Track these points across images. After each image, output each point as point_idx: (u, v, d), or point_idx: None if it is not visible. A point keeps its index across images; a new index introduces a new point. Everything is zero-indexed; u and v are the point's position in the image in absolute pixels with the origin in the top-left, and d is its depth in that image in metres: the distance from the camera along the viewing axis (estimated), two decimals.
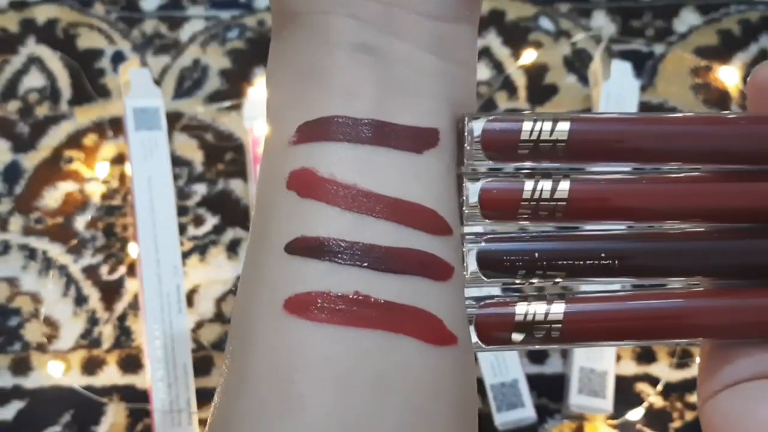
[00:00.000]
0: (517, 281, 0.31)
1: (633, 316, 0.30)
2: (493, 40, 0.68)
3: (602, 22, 0.69)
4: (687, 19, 0.69)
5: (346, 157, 0.28)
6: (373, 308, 0.27)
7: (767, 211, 0.30)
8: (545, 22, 0.69)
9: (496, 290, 0.52)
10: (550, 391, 0.60)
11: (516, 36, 0.69)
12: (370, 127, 0.28)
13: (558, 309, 0.30)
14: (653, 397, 0.60)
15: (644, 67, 0.68)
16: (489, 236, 0.30)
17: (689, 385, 0.60)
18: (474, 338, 0.30)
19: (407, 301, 0.27)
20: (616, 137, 0.29)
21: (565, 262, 0.30)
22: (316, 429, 0.26)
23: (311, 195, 0.28)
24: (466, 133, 0.29)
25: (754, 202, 0.30)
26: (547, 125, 0.29)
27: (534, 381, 0.60)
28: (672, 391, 0.60)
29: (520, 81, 0.68)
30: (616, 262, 0.30)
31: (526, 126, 0.29)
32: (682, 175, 0.30)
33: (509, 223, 0.30)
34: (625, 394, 0.59)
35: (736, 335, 0.31)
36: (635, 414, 0.59)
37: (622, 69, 0.65)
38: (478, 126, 0.29)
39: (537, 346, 0.31)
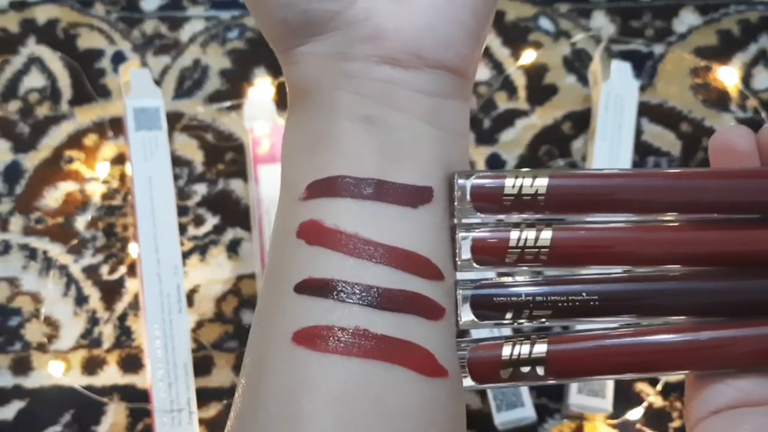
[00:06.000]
0: (506, 321, 0.34)
1: (613, 353, 0.33)
2: (493, 40, 0.68)
3: (602, 23, 0.69)
4: (686, 19, 0.69)
5: (350, 210, 0.32)
6: (372, 341, 0.30)
7: (733, 256, 0.34)
8: (545, 23, 0.69)
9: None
10: (549, 391, 0.60)
11: (516, 36, 0.69)
12: (371, 185, 0.32)
13: (541, 349, 0.33)
14: (653, 397, 0.60)
15: (644, 67, 0.68)
16: (481, 282, 0.34)
17: None
18: (468, 379, 0.34)
19: (402, 335, 0.31)
20: (590, 191, 0.33)
21: (549, 303, 0.33)
22: None
23: (318, 242, 0.32)
24: (455, 190, 0.33)
25: (721, 247, 0.34)
26: (528, 181, 0.33)
27: None
28: (671, 390, 0.60)
29: (520, 81, 0.68)
30: (597, 302, 0.33)
31: (509, 182, 0.33)
32: (654, 224, 0.34)
33: (498, 268, 0.34)
34: (625, 393, 0.59)
35: (713, 367, 0.34)
36: (635, 414, 0.59)
37: (622, 69, 0.65)
38: (466, 182, 0.33)
39: (525, 383, 0.34)
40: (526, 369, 0.33)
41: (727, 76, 0.67)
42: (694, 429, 0.34)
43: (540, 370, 0.33)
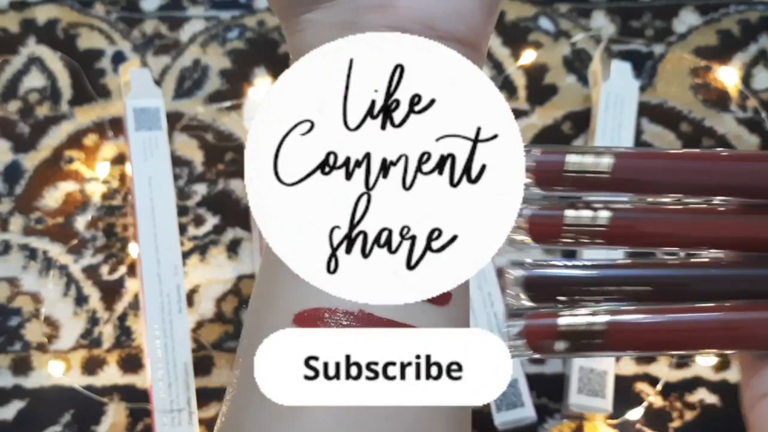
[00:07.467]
0: (559, 305, 0.33)
1: (673, 328, 0.32)
2: (492, 40, 0.68)
3: (602, 23, 0.69)
4: (686, 19, 0.69)
5: None
6: (375, 325, 0.29)
7: None
8: (545, 23, 0.69)
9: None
10: (549, 391, 0.60)
11: (516, 36, 0.69)
12: None
13: (601, 319, 0.32)
14: (653, 397, 0.60)
15: (644, 67, 0.68)
16: (534, 262, 0.33)
17: (688, 385, 0.60)
18: (524, 346, 0.33)
19: (406, 320, 0.30)
20: (657, 172, 0.32)
21: (603, 288, 0.32)
22: (317, 430, 0.28)
23: None
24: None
25: None
26: (590, 158, 0.32)
27: (534, 381, 0.60)
28: (671, 390, 0.60)
29: (520, 81, 0.68)
30: (652, 288, 0.32)
31: (570, 158, 0.32)
32: (711, 207, 0.33)
33: (553, 246, 0.33)
34: (625, 393, 0.59)
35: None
36: (635, 414, 0.59)
37: (622, 69, 0.65)
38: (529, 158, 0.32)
39: (581, 355, 0.33)
40: (584, 341, 0.32)
41: (727, 76, 0.67)
42: (753, 408, 0.33)
43: (598, 342, 0.32)
